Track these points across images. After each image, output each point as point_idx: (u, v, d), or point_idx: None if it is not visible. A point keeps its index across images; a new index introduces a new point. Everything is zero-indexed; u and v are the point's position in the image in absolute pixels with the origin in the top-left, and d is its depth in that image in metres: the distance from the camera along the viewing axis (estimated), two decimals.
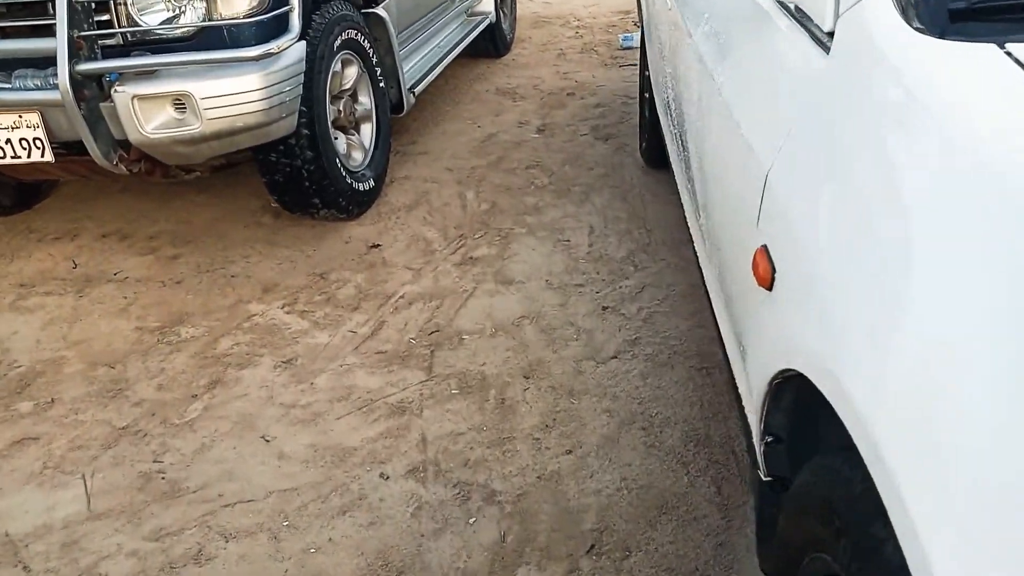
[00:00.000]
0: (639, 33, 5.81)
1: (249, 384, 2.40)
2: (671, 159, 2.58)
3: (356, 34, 3.26)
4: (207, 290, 2.93)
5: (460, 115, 4.55)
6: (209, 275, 3.03)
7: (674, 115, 2.31)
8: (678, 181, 2.35)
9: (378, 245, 3.14)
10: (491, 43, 5.52)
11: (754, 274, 1.12)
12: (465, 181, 3.65)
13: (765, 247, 1.11)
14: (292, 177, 3.02)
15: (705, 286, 1.82)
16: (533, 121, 4.34)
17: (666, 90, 2.50)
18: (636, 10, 6.72)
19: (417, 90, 3.89)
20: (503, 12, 5.63)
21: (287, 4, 2.66)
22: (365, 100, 3.45)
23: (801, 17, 1.30)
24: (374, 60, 3.43)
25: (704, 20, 1.89)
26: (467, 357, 2.40)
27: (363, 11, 3.47)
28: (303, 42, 2.79)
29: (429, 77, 4.07)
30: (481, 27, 5.13)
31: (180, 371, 2.50)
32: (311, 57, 2.87)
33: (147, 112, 2.54)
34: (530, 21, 6.72)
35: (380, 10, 3.50)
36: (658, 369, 2.26)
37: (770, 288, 1.07)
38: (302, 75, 2.79)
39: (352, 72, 3.31)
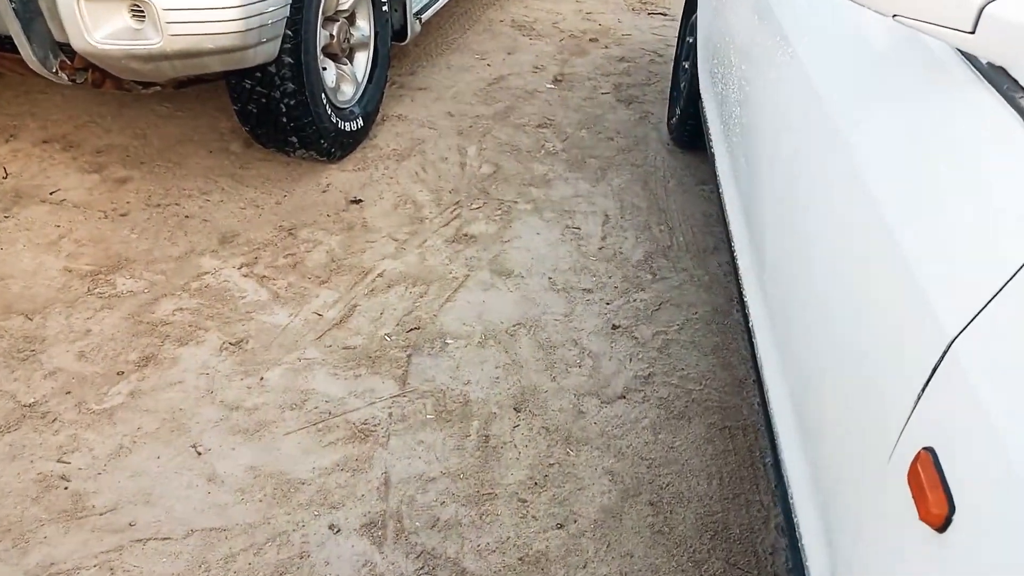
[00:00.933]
0: None
1: (187, 367, 2.01)
2: (717, 166, 2.17)
3: None
4: (155, 231, 2.50)
5: (468, 47, 4.05)
6: (159, 211, 2.59)
7: (741, 134, 1.89)
8: (729, 211, 1.95)
9: (359, 200, 2.71)
10: None
11: (911, 492, 0.74)
12: (467, 132, 3.21)
13: (932, 453, 0.74)
14: (268, 109, 2.56)
15: (765, 402, 1.42)
16: (549, 67, 3.87)
17: (729, 88, 2.07)
18: None
19: (424, 16, 3.40)
20: None
21: None
22: (363, 25, 2.96)
23: (1008, 88, 0.90)
24: None
25: (822, 36, 1.46)
26: (449, 370, 2.03)
27: None
28: None
29: (438, 3, 3.56)
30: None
31: (109, 336, 2.10)
32: None
33: (96, 16, 2.07)
34: None
35: None
36: (672, 422, 1.91)
37: (941, 529, 0.71)
38: None
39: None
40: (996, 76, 0.91)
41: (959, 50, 0.99)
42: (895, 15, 0.90)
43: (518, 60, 3.93)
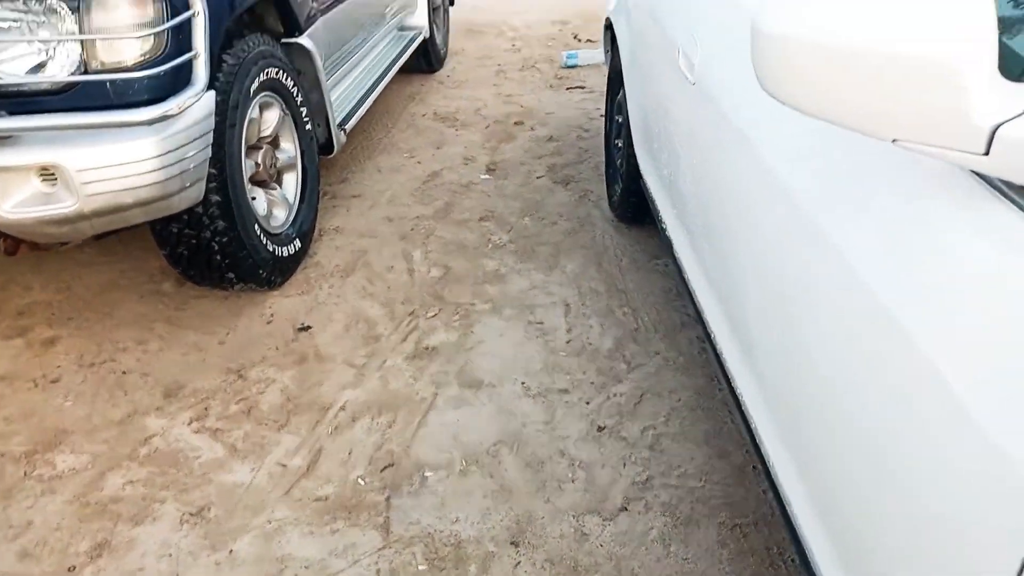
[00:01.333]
0: (583, 52, 5.34)
1: (146, 550, 1.81)
2: (674, 244, 2.10)
3: (277, 72, 2.67)
4: (92, 394, 2.31)
5: (396, 146, 3.98)
6: (94, 371, 2.40)
7: (701, 216, 1.81)
8: (695, 290, 1.86)
9: (308, 327, 2.57)
10: (424, 58, 4.95)
11: None
12: (409, 236, 3.10)
13: None
14: (199, 250, 2.42)
15: (776, 492, 1.30)
16: (480, 157, 3.81)
17: (679, 173, 2.01)
18: (575, 22, 6.23)
19: (348, 126, 3.32)
20: (436, 25, 5.07)
21: (190, 49, 2.06)
22: (288, 147, 2.86)
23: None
24: (299, 100, 2.84)
25: (783, 129, 1.39)
26: (434, 508, 1.87)
27: (284, 41, 2.88)
28: (211, 92, 2.20)
29: (361, 109, 3.49)
30: (415, 43, 4.56)
31: (54, 526, 1.89)
32: (222, 108, 2.28)
33: (2, 186, 1.92)
34: (462, 30, 6.16)
35: (304, 39, 2.91)
36: (681, 529, 1.78)
37: None
38: (211, 133, 2.19)
39: (273, 116, 2.72)
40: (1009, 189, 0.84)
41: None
42: (895, 140, 0.83)
43: (448, 153, 3.87)
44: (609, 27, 3.12)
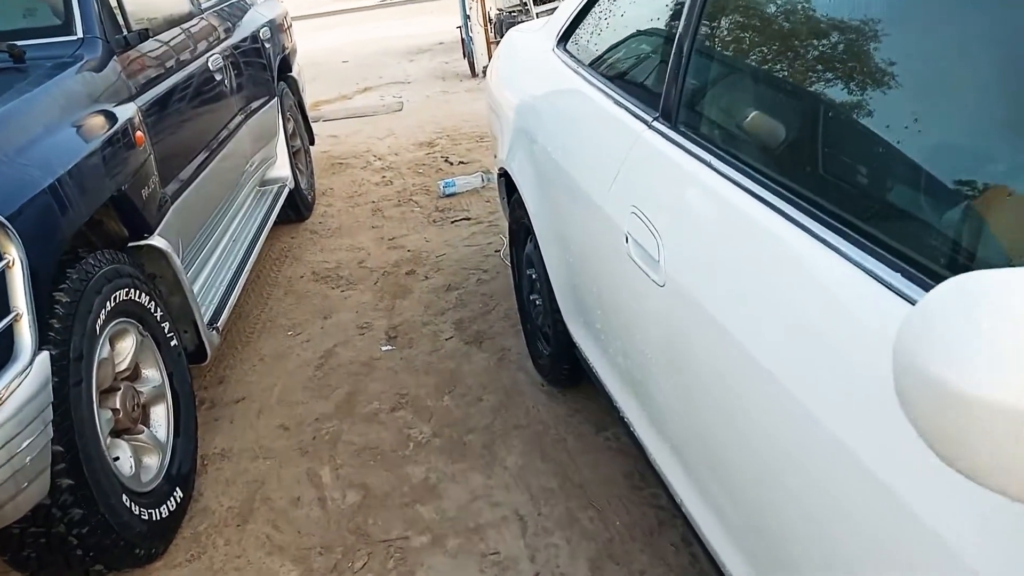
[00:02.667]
0: (460, 179, 5.03)
1: None
2: (629, 418, 1.74)
3: (128, 292, 2.19)
4: None
5: (276, 323, 3.50)
6: None
7: (666, 391, 1.45)
8: (668, 476, 1.50)
9: None
10: (291, 207, 4.52)
11: None
12: (312, 449, 2.61)
13: None
14: (53, 549, 1.87)
15: None
16: (376, 322, 3.38)
17: (631, 345, 1.65)
18: (442, 143, 5.93)
19: (221, 322, 2.84)
20: (299, 169, 4.67)
21: (7, 312, 1.57)
22: (152, 374, 2.35)
23: None
24: (158, 315, 2.36)
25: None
26: None
27: (132, 244, 2.40)
28: (44, 354, 1.70)
29: (233, 297, 3.02)
30: (281, 199, 4.13)
31: None
32: (61, 367, 1.78)
33: None
34: (325, 165, 5.78)
35: (156, 240, 2.44)
36: None
37: None
38: (49, 408, 1.69)
39: (128, 344, 2.22)
40: None
41: None
42: None
43: (338, 323, 3.42)
44: (505, 175, 2.80)
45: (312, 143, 5.18)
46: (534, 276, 2.68)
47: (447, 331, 3.23)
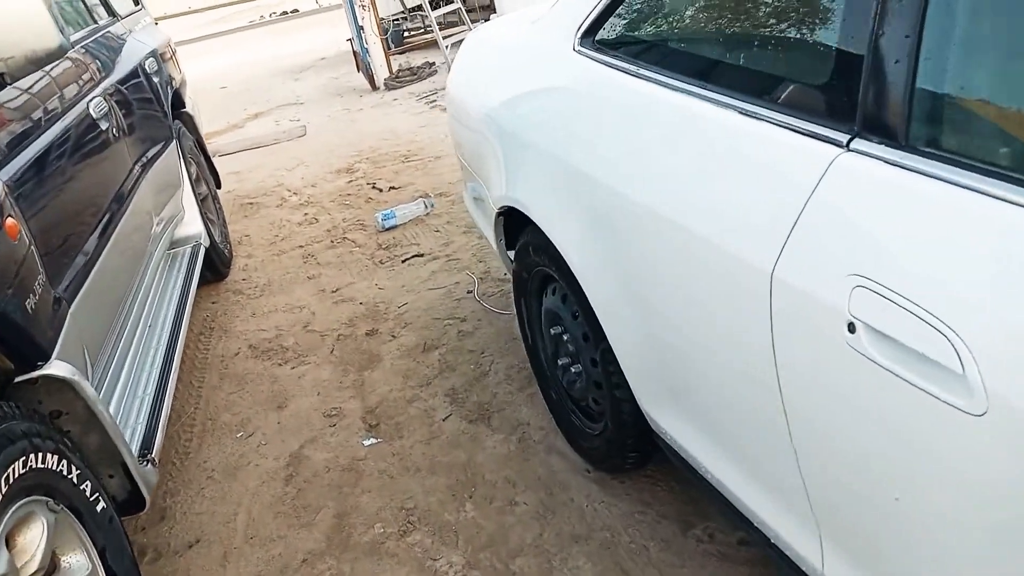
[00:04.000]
0: (400, 208, 4.31)
1: None
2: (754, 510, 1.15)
3: (25, 459, 1.45)
4: None
5: (218, 421, 2.75)
6: None
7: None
8: None
9: None
10: (206, 267, 3.74)
11: None
12: None
13: None
14: None
15: None
16: (348, 406, 2.68)
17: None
18: (363, 167, 5.10)
19: (156, 449, 2.10)
20: (210, 219, 3.89)
21: None
22: (77, 560, 1.62)
23: None
24: (74, 475, 1.62)
25: None
26: None
27: (21, 379, 1.66)
28: None
29: (165, 409, 2.28)
30: (198, 262, 3.36)
31: None
32: None
33: None
34: (235, 206, 4.99)
35: (56, 365, 1.70)
36: None
37: None
38: None
39: (35, 535, 1.49)
40: None
41: None
42: None
43: (298, 414, 2.70)
44: (507, 213, 2.16)
45: (219, 186, 4.38)
46: (568, 339, 2.05)
47: (441, 408, 2.57)
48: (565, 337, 2.06)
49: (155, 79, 3.45)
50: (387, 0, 9.87)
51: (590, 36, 1.75)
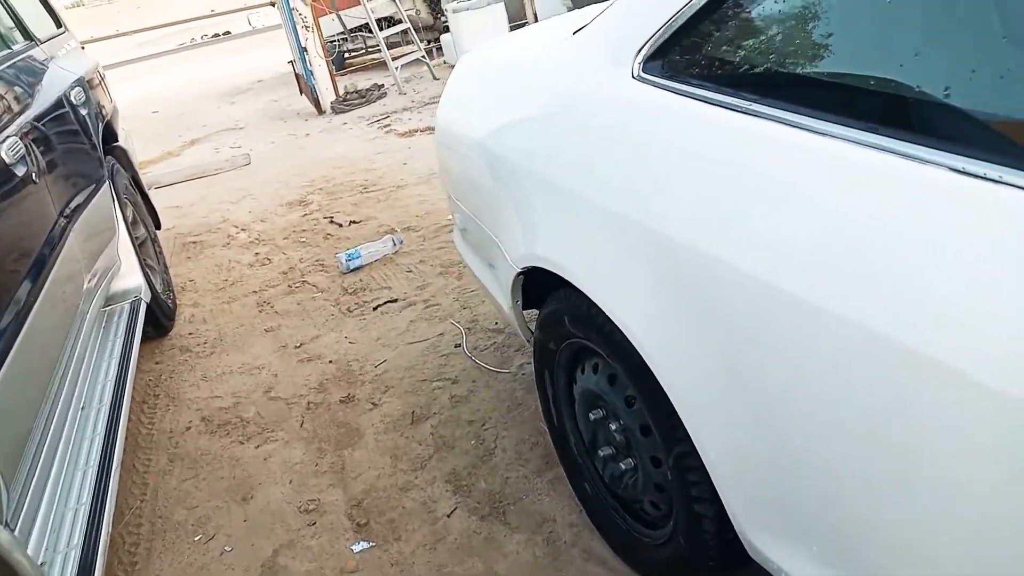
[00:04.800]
0: (365, 246, 3.84)
1: None
2: None
3: None
4: None
5: (170, 519, 2.26)
6: None
7: None
8: None
9: None
10: (148, 320, 3.23)
11: None
12: None
13: None
14: None
15: None
16: (328, 499, 2.22)
17: None
18: (316, 199, 4.51)
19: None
20: (150, 266, 3.38)
21: None
22: None
23: None
24: None
25: None
26: None
27: None
28: None
29: (104, 525, 1.80)
30: (139, 321, 2.86)
31: None
32: None
33: None
34: (176, 246, 4.46)
35: None
36: None
37: None
38: None
39: None
40: None
41: None
42: None
43: (268, 508, 2.23)
44: (530, 273, 1.74)
45: (159, 226, 3.87)
46: (616, 428, 1.64)
47: (443, 498, 2.13)
48: (612, 426, 1.65)
49: (82, 111, 2.94)
50: (327, 21, 9.40)
51: (659, 59, 1.35)
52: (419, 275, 3.47)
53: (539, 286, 1.80)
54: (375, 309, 3.26)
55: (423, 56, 8.06)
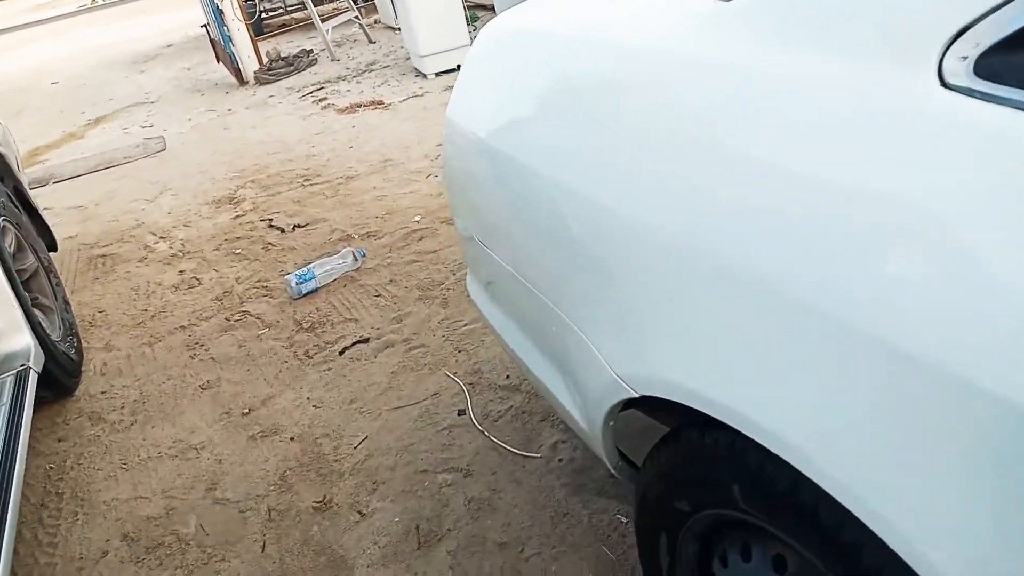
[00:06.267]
0: (319, 263, 3.01)
1: None
2: None
3: None
4: None
5: None
6: None
7: None
8: None
9: None
10: (44, 384, 2.40)
11: None
12: None
13: None
14: None
15: None
16: None
17: None
18: (250, 194, 3.57)
19: None
20: (43, 305, 2.53)
21: None
22: None
23: None
24: None
25: None
26: None
27: None
28: None
29: None
30: (28, 397, 2.05)
31: None
32: None
33: None
34: (79, 266, 3.57)
35: None
36: None
37: None
38: None
39: None
40: None
41: None
42: None
43: None
44: (633, 404, 1.03)
45: (54, 248, 2.99)
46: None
47: None
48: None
49: None
50: None
51: (1002, 56, 0.64)
52: (392, 301, 2.71)
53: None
54: (342, 353, 2.49)
55: (356, 16, 7.10)
